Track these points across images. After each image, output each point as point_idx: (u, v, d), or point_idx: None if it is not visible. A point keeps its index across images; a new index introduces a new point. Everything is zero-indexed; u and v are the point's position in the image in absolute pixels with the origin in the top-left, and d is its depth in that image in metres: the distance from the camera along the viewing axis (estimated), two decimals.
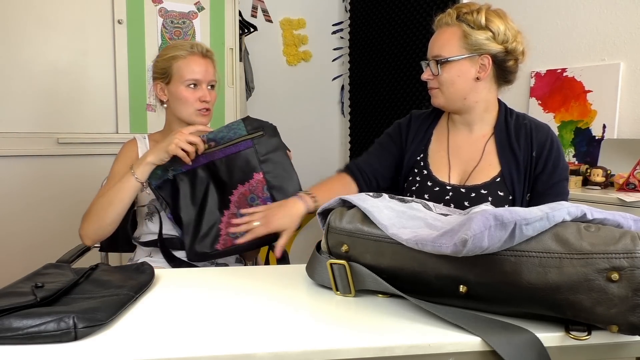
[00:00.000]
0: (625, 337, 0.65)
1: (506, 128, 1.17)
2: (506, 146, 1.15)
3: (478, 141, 1.20)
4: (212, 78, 1.37)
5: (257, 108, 3.25)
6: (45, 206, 2.19)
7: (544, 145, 1.13)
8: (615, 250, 0.60)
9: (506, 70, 1.16)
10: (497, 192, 1.12)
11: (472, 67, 1.13)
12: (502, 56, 1.13)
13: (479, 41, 1.11)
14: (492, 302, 0.69)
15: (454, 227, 0.67)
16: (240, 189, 1.23)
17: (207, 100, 1.34)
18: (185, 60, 1.34)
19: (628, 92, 2.03)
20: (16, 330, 0.61)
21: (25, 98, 2.13)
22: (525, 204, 1.14)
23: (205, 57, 1.37)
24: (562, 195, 1.12)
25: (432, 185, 1.19)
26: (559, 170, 1.12)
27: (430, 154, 1.24)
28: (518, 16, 2.42)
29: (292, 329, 0.67)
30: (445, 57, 1.13)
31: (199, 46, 1.37)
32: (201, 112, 1.35)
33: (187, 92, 1.33)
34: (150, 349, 0.61)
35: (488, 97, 1.17)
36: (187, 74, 1.33)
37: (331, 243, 0.84)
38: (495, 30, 1.11)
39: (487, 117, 1.20)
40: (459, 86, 1.14)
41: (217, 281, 0.90)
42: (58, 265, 0.86)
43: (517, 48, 1.14)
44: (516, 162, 1.13)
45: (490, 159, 1.16)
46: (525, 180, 1.13)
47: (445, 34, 1.14)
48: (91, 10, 2.22)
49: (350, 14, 3.40)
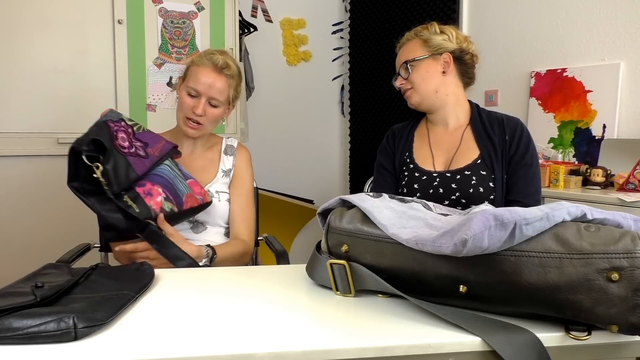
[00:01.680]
0: (625, 337, 0.65)
1: (480, 120, 1.30)
2: (482, 133, 1.28)
3: (456, 131, 1.32)
4: (214, 95, 1.31)
5: (257, 108, 3.25)
6: (45, 206, 2.19)
7: (515, 131, 1.26)
8: (615, 250, 0.60)
9: (466, 64, 1.31)
10: (479, 172, 1.22)
11: (436, 64, 1.29)
12: (458, 53, 1.29)
13: (437, 42, 1.29)
14: (492, 302, 0.69)
15: (454, 227, 0.67)
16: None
17: (197, 114, 1.30)
18: (198, 68, 1.32)
19: (628, 92, 2.03)
20: (16, 330, 0.61)
21: (25, 98, 2.13)
22: (504, 184, 1.23)
23: (218, 72, 1.32)
24: (535, 179, 1.23)
25: (419, 176, 1.28)
26: (529, 153, 1.24)
27: (414, 150, 1.36)
28: (518, 16, 2.44)
29: (292, 329, 0.67)
30: (412, 58, 1.30)
31: (218, 58, 1.32)
32: (188, 123, 1.32)
33: (186, 97, 1.32)
34: (150, 349, 0.61)
35: (456, 90, 1.32)
36: (191, 81, 1.32)
37: (331, 243, 0.84)
38: (448, 33, 1.30)
39: (459, 110, 1.33)
40: (429, 81, 1.29)
41: (217, 281, 0.90)
42: (58, 266, 0.86)
43: (469, 47, 1.31)
44: (493, 145, 1.25)
45: (469, 144, 1.28)
46: (502, 161, 1.24)
47: (408, 47, 1.33)
48: (91, 10, 2.22)
49: (350, 14, 3.40)
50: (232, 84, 1.36)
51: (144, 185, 1.16)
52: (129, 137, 1.18)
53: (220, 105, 1.34)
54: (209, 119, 1.34)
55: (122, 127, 1.18)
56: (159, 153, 1.23)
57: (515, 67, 2.47)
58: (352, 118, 3.45)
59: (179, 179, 1.25)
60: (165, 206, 1.17)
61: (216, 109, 1.34)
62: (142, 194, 1.14)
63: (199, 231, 1.37)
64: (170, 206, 1.18)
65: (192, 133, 1.34)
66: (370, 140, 3.30)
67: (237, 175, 1.45)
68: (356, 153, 3.45)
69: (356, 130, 3.43)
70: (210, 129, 1.39)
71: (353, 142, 3.47)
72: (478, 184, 1.20)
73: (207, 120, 1.34)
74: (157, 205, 1.15)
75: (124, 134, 1.17)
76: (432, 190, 1.24)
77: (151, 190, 1.16)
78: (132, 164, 1.14)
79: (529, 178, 1.22)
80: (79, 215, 1.26)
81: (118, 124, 1.18)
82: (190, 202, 1.24)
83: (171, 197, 1.19)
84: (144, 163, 1.17)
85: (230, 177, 1.45)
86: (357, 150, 3.43)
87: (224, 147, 1.48)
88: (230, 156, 1.47)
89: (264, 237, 1.66)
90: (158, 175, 1.20)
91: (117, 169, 1.09)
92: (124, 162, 1.12)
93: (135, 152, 1.17)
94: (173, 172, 1.24)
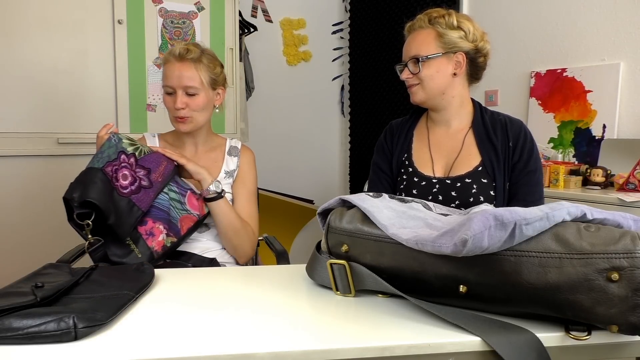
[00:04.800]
0: (625, 337, 0.65)
1: (483, 122, 1.25)
2: (485, 138, 1.23)
3: (457, 134, 1.27)
4: (186, 84, 1.29)
5: (257, 108, 3.25)
6: (45, 206, 2.18)
7: (518, 136, 1.21)
8: (615, 250, 0.60)
9: (478, 66, 1.26)
10: (480, 180, 1.18)
11: (448, 64, 1.22)
12: (473, 53, 1.23)
13: (453, 40, 1.20)
14: (492, 302, 0.69)
15: (454, 227, 0.67)
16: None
17: (178, 107, 1.30)
18: (165, 66, 1.33)
19: (628, 92, 2.03)
20: (16, 330, 0.61)
21: (25, 98, 2.13)
22: (506, 192, 1.20)
23: (181, 60, 1.30)
24: (538, 186, 1.20)
25: (418, 181, 1.24)
26: (533, 159, 1.20)
27: (413, 152, 1.31)
28: (518, 16, 2.43)
29: (292, 329, 0.67)
30: (425, 55, 1.21)
31: (177, 48, 1.31)
32: (177, 120, 1.33)
33: (166, 97, 1.33)
34: (150, 349, 0.61)
35: (462, 92, 1.26)
36: (163, 80, 1.33)
37: (331, 243, 0.84)
38: (466, 29, 1.21)
39: (462, 112, 1.27)
40: (438, 81, 1.22)
41: (217, 281, 0.90)
42: (58, 266, 0.86)
43: (485, 47, 1.24)
44: (495, 151, 1.21)
45: (471, 150, 1.23)
46: (504, 169, 1.20)
47: (420, 36, 1.23)
48: (91, 10, 2.22)
49: (350, 14, 3.40)
50: (201, 67, 1.32)
51: (145, 223, 1.18)
52: (131, 171, 1.18)
53: (198, 91, 1.32)
54: (194, 108, 1.33)
55: (123, 162, 1.17)
56: (162, 178, 1.23)
57: (515, 67, 2.47)
58: (352, 118, 3.45)
59: (174, 203, 1.25)
60: (166, 242, 1.19)
61: (196, 96, 1.32)
62: (144, 234, 1.17)
63: (202, 231, 1.37)
64: (170, 240, 1.21)
65: (183, 128, 1.34)
66: (370, 140, 3.30)
67: (241, 176, 1.45)
68: (356, 153, 3.45)
69: (356, 130, 3.43)
70: (202, 119, 1.36)
71: (353, 142, 3.47)
72: (478, 192, 1.17)
73: (192, 111, 1.33)
74: (159, 245, 1.18)
75: (125, 169, 1.17)
76: (431, 197, 1.20)
77: (152, 229, 1.18)
78: (136, 202, 1.15)
79: (532, 185, 1.19)
80: None
81: (116, 162, 1.16)
82: (186, 224, 1.26)
83: (170, 231, 1.22)
84: (148, 195, 1.19)
85: (234, 177, 1.45)
86: (357, 150, 3.43)
87: (228, 148, 1.48)
88: (235, 157, 1.47)
89: (264, 237, 1.66)
90: (158, 208, 1.22)
91: (121, 216, 1.11)
92: (126, 204, 1.13)
93: (139, 185, 1.17)
94: (169, 198, 1.24)
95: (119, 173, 1.15)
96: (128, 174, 1.16)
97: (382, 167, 1.34)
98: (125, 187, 1.15)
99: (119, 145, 1.18)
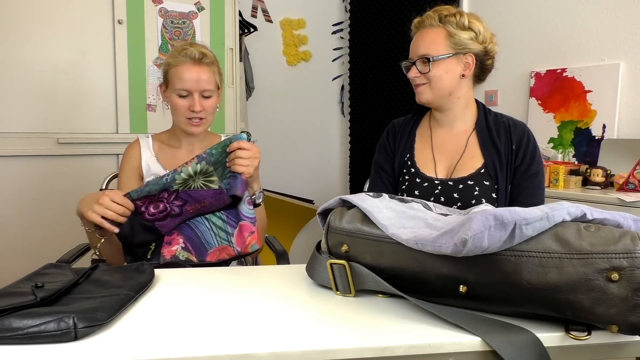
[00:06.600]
0: (625, 337, 0.65)
1: (486, 124, 1.25)
2: (488, 140, 1.22)
3: (460, 136, 1.26)
4: (204, 87, 1.31)
5: (257, 108, 3.25)
6: (45, 206, 2.18)
7: (522, 139, 1.21)
8: (615, 250, 0.60)
9: (485, 68, 1.26)
10: (483, 182, 1.18)
11: (458, 65, 1.21)
12: (482, 55, 1.22)
13: (464, 41, 1.19)
14: (492, 302, 0.69)
15: (454, 227, 0.67)
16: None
17: (196, 111, 1.30)
18: (177, 68, 1.30)
19: (628, 92, 2.03)
20: (16, 330, 0.61)
21: (25, 98, 2.13)
22: (508, 195, 1.20)
23: (198, 64, 1.31)
24: (540, 189, 1.20)
25: (420, 182, 1.24)
26: (535, 162, 1.20)
27: (415, 152, 1.30)
28: (518, 16, 2.43)
29: (292, 329, 0.67)
30: (434, 55, 1.19)
31: (193, 51, 1.30)
32: (191, 122, 1.32)
33: (179, 100, 1.31)
34: (150, 349, 0.61)
35: (468, 93, 1.26)
36: (177, 83, 1.30)
37: (331, 243, 0.84)
38: (477, 30, 1.20)
39: (467, 113, 1.27)
40: (447, 82, 1.21)
41: (217, 281, 0.90)
42: (58, 265, 0.86)
43: (494, 49, 1.24)
44: (498, 154, 1.20)
45: (474, 152, 1.23)
46: (507, 172, 1.20)
47: (430, 35, 1.21)
48: (91, 10, 2.22)
49: (350, 14, 3.40)
50: (214, 70, 1.35)
51: (172, 234, 1.19)
52: (165, 204, 1.17)
53: (212, 94, 1.35)
54: (208, 110, 1.35)
55: (161, 197, 1.16)
56: (195, 211, 1.20)
57: (515, 67, 2.47)
58: (352, 118, 3.45)
59: (217, 230, 1.21)
60: (179, 254, 1.18)
61: (210, 99, 1.35)
62: (165, 242, 1.18)
63: None
64: (186, 255, 1.18)
65: (197, 130, 1.34)
66: (370, 140, 3.30)
67: None
68: (356, 153, 3.45)
69: (356, 130, 3.43)
70: (212, 120, 1.40)
71: (353, 142, 3.47)
72: (480, 194, 1.17)
73: (207, 113, 1.35)
74: (169, 253, 1.17)
75: (160, 203, 1.16)
76: (433, 198, 1.20)
77: (172, 239, 1.19)
78: (159, 227, 1.17)
79: (534, 188, 1.19)
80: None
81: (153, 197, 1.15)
82: (216, 256, 1.19)
83: (191, 248, 1.20)
84: (174, 221, 1.18)
85: None
86: (357, 150, 3.43)
87: None
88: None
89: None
90: (189, 227, 1.21)
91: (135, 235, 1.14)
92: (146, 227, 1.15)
93: (167, 214, 1.17)
94: (210, 223, 1.22)
95: (151, 205, 1.15)
96: (161, 206, 1.17)
97: (384, 167, 1.34)
98: (152, 214, 1.15)
99: (167, 184, 1.16)
